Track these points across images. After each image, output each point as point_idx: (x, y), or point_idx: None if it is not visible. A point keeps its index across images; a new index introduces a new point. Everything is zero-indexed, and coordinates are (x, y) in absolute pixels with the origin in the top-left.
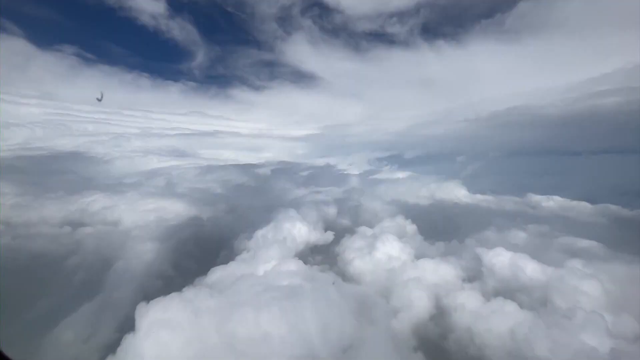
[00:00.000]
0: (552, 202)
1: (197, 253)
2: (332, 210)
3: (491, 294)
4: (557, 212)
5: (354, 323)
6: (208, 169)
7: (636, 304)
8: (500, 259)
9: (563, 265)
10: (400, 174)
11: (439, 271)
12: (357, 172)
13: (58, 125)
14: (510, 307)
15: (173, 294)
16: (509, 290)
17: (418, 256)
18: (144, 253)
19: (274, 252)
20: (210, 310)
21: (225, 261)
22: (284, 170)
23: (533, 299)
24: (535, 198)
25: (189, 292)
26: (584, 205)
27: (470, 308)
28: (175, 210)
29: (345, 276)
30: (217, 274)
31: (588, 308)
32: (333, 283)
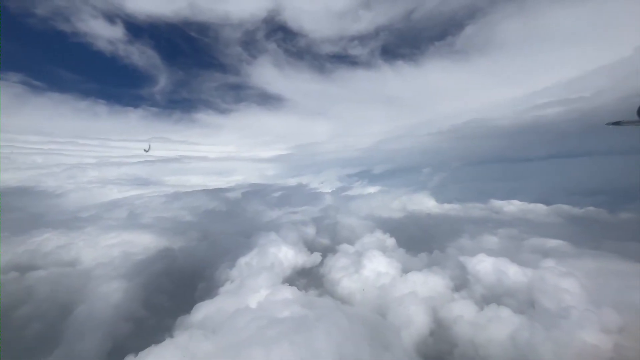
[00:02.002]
0: (512, 206)
1: (171, 288)
2: (310, 230)
3: (482, 302)
4: (519, 215)
5: (368, 348)
6: (175, 196)
7: (612, 297)
8: (484, 265)
9: (538, 265)
10: (371, 189)
11: (428, 283)
12: (330, 190)
13: (1, 158)
14: (504, 313)
15: (166, 341)
16: (496, 295)
17: (405, 270)
18: (110, 294)
19: (262, 280)
20: (210, 356)
21: (205, 294)
22: (255, 192)
23: (520, 302)
24: (497, 203)
25: (181, 337)
26: (540, 207)
27: (467, 319)
28: (142, 242)
29: (335, 297)
30: (203, 310)
31: (574, 305)
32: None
